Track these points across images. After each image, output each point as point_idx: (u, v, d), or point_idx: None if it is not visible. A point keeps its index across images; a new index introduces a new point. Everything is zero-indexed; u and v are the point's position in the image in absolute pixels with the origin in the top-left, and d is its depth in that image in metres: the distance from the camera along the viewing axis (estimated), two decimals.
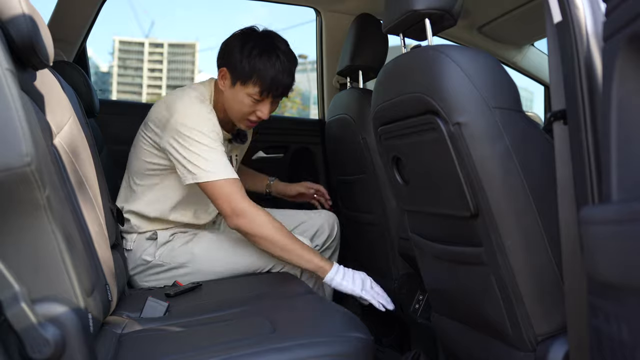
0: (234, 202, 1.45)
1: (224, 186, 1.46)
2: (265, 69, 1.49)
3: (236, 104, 1.55)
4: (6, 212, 0.71)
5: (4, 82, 0.70)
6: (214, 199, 1.48)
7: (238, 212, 1.45)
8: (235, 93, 1.54)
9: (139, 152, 1.61)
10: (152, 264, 1.58)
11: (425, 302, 1.59)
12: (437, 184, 1.11)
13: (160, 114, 1.54)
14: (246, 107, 1.54)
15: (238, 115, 1.57)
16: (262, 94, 1.51)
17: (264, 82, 1.50)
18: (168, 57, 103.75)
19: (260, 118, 1.57)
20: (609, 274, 0.61)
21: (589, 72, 0.75)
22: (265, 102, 1.54)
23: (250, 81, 1.50)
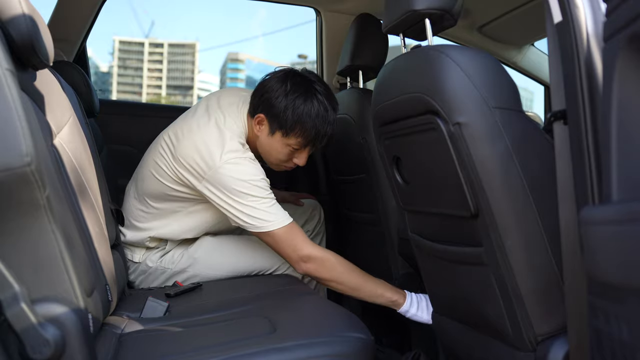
0: (299, 249, 1.41)
1: (285, 234, 1.41)
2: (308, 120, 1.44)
3: (273, 152, 1.50)
4: (6, 212, 0.70)
5: (4, 82, 0.70)
6: (277, 247, 1.44)
7: (305, 259, 1.41)
8: (273, 141, 1.48)
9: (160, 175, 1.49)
10: (154, 268, 1.58)
11: None
12: (437, 184, 1.11)
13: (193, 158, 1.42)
14: (284, 156, 1.50)
15: (274, 162, 1.53)
16: (305, 146, 1.49)
17: (308, 136, 1.46)
18: (168, 57, 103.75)
19: (297, 165, 1.54)
20: (609, 274, 0.61)
21: (589, 72, 0.75)
22: (304, 151, 1.52)
23: (293, 134, 1.46)
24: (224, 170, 1.39)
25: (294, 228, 1.43)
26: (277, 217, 1.41)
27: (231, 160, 1.40)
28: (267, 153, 1.52)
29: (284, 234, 1.41)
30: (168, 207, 1.54)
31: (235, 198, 1.40)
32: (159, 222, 1.56)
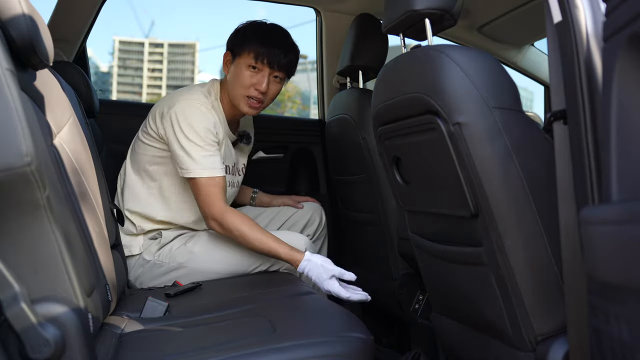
0: (210, 205, 1.52)
1: (204, 185, 1.52)
2: (260, 38, 1.57)
3: (236, 80, 1.59)
4: (6, 212, 0.70)
5: (4, 82, 0.70)
6: (196, 197, 1.56)
7: (210, 216, 1.52)
8: (234, 70, 1.60)
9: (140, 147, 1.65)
10: (152, 263, 1.59)
11: (425, 302, 1.59)
12: (437, 184, 1.11)
13: (161, 108, 1.59)
14: (246, 79, 1.58)
15: (239, 92, 1.60)
16: (257, 58, 1.56)
17: (258, 46, 1.56)
18: (168, 57, 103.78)
19: (260, 91, 1.58)
20: (609, 274, 0.61)
21: (589, 72, 0.75)
22: (263, 72, 1.58)
23: (245, 50, 1.57)
24: (176, 108, 1.54)
25: (216, 183, 1.53)
26: (203, 166, 1.52)
27: (185, 102, 1.55)
28: (232, 87, 1.61)
29: (202, 185, 1.52)
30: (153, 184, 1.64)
31: (177, 134, 1.52)
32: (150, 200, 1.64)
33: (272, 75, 1.60)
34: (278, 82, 1.63)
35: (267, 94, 1.61)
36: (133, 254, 1.60)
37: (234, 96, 1.62)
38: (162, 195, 1.63)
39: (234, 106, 1.64)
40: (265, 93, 1.60)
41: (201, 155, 1.52)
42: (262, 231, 1.52)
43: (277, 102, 12.97)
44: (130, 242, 1.61)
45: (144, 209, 1.63)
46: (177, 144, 1.53)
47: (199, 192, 1.53)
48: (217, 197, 1.53)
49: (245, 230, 1.51)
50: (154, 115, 1.60)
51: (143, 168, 1.64)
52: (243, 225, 1.51)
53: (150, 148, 1.61)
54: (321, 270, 1.45)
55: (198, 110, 1.54)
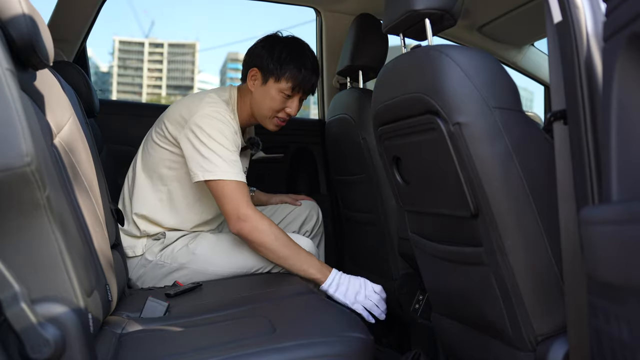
0: (240, 206, 1.47)
1: (233, 188, 1.48)
2: (297, 66, 1.58)
3: (267, 101, 1.60)
4: (6, 212, 0.70)
5: (4, 82, 0.70)
6: (220, 199, 1.50)
7: (242, 217, 1.47)
8: (266, 91, 1.60)
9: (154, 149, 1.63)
10: (154, 263, 1.59)
11: (425, 302, 1.59)
12: (437, 184, 1.11)
13: (179, 112, 1.57)
14: (277, 104, 1.60)
15: (268, 112, 1.61)
16: (294, 89, 1.59)
17: (297, 78, 1.58)
18: (168, 57, 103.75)
19: (289, 115, 1.63)
20: (609, 274, 0.61)
21: (589, 72, 0.75)
22: (295, 98, 1.62)
23: (284, 77, 1.58)
24: (201, 114, 1.52)
25: (243, 188, 1.51)
26: (231, 170, 1.49)
27: (210, 110, 1.54)
28: (261, 103, 1.61)
29: (230, 188, 1.48)
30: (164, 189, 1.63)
31: (202, 138, 1.50)
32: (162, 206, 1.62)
33: (302, 99, 1.65)
34: (303, 100, 1.68)
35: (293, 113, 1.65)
36: (136, 255, 1.60)
37: (259, 115, 1.63)
38: (171, 201, 1.62)
39: (254, 119, 1.66)
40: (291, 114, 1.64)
41: (230, 159, 1.50)
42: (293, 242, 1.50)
43: None
44: (134, 244, 1.61)
45: (151, 213, 1.62)
46: (202, 147, 1.49)
47: (225, 195, 1.48)
48: (248, 200, 1.50)
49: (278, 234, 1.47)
50: (171, 119, 1.59)
51: (155, 171, 1.62)
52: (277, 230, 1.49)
53: (165, 152, 1.60)
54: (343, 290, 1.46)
55: (224, 117, 1.54)
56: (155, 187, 1.63)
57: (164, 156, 1.60)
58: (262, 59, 1.60)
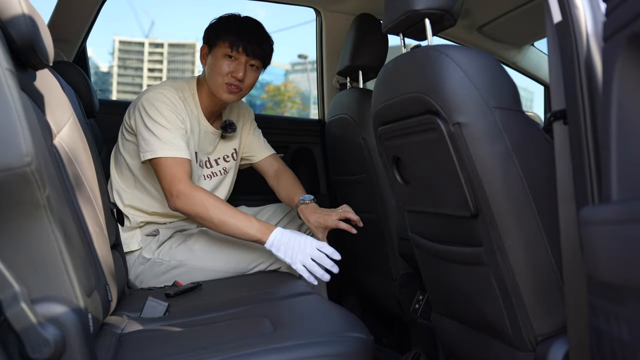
0: (172, 183, 1.50)
1: (169, 164, 1.51)
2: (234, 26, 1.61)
3: (214, 70, 1.62)
4: (6, 212, 0.70)
5: (4, 82, 0.70)
6: (159, 177, 1.53)
7: (174, 193, 1.49)
8: (212, 61, 1.63)
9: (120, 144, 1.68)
10: (152, 261, 1.59)
11: (425, 302, 1.59)
12: (437, 184, 1.11)
13: (134, 101, 1.63)
14: (222, 68, 1.60)
15: (217, 81, 1.62)
16: (233, 47, 1.59)
17: (233, 35, 1.59)
18: (168, 57, 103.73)
19: (237, 78, 1.61)
20: (609, 274, 0.61)
21: (589, 72, 0.75)
22: (239, 60, 1.61)
23: (221, 40, 1.61)
24: (144, 97, 1.57)
25: (180, 163, 1.52)
26: (166, 147, 1.52)
27: (152, 92, 1.58)
28: (210, 73, 1.63)
29: (166, 164, 1.51)
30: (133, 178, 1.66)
31: (144, 119, 1.54)
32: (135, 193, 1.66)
33: (248, 63, 1.63)
34: (254, 70, 1.66)
35: (245, 81, 1.64)
36: (132, 250, 1.61)
37: (213, 85, 1.64)
38: (143, 187, 1.65)
39: (214, 96, 1.67)
40: (242, 81, 1.62)
41: (167, 136, 1.53)
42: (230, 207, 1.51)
43: (277, 102, 13.09)
44: (128, 237, 1.61)
45: (132, 202, 1.64)
46: (143, 128, 1.54)
47: (162, 172, 1.51)
48: (184, 176, 1.51)
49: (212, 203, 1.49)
50: (129, 110, 1.64)
51: (122, 162, 1.66)
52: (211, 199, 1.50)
53: (127, 142, 1.64)
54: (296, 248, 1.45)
55: (165, 97, 1.57)
56: (125, 176, 1.66)
57: (128, 147, 1.64)
58: (206, 34, 1.67)
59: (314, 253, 1.46)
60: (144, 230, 1.65)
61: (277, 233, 1.48)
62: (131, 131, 1.61)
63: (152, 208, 1.65)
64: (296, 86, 57.54)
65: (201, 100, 1.69)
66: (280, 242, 1.47)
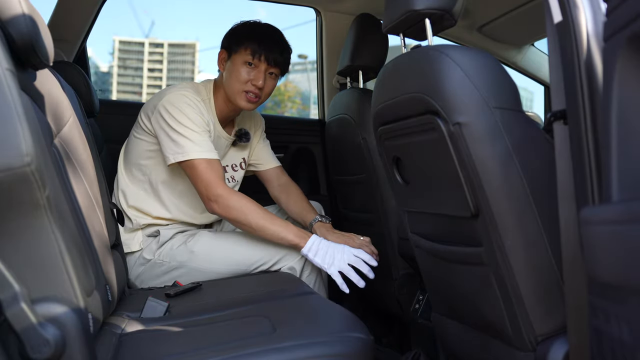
0: (210, 186, 1.50)
1: (204, 167, 1.51)
2: (256, 34, 1.62)
3: (233, 76, 1.61)
4: (6, 212, 0.70)
5: (4, 82, 0.70)
6: (193, 179, 1.53)
7: (212, 198, 1.50)
8: (232, 66, 1.62)
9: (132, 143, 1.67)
10: (152, 262, 1.59)
11: (425, 302, 1.59)
12: (437, 184, 1.11)
13: (153, 102, 1.60)
14: (242, 75, 1.60)
15: (236, 88, 1.61)
16: (255, 55, 1.60)
17: (255, 43, 1.60)
18: (168, 57, 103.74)
19: (257, 87, 1.61)
20: (609, 274, 0.61)
21: (589, 72, 0.75)
22: (260, 68, 1.61)
23: (242, 47, 1.61)
24: (166, 99, 1.55)
25: (214, 165, 1.52)
26: (199, 148, 1.52)
27: (175, 94, 1.56)
28: (229, 79, 1.63)
29: (201, 166, 1.50)
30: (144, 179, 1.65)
31: (169, 121, 1.52)
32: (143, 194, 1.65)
33: (268, 71, 1.63)
34: (273, 78, 1.66)
35: (264, 89, 1.63)
36: (132, 251, 1.60)
37: (230, 92, 1.63)
38: (154, 190, 1.64)
39: (230, 103, 1.65)
40: (261, 88, 1.62)
41: (197, 138, 1.52)
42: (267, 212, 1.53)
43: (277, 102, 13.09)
44: (129, 239, 1.61)
45: (137, 203, 1.64)
46: (170, 130, 1.52)
47: (198, 175, 1.51)
48: (220, 179, 1.52)
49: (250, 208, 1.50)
50: (146, 111, 1.62)
51: (134, 163, 1.65)
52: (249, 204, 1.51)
53: (142, 142, 1.63)
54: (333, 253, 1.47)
55: (188, 99, 1.56)
56: (136, 178, 1.65)
57: (142, 147, 1.63)
58: (226, 40, 1.67)
59: (351, 258, 1.48)
60: (145, 231, 1.64)
61: (315, 239, 1.51)
62: (148, 132, 1.60)
63: (158, 213, 1.64)
64: (296, 86, 57.52)
65: (217, 104, 1.68)
66: (318, 248, 1.49)
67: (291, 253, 1.58)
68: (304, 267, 1.58)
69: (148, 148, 1.62)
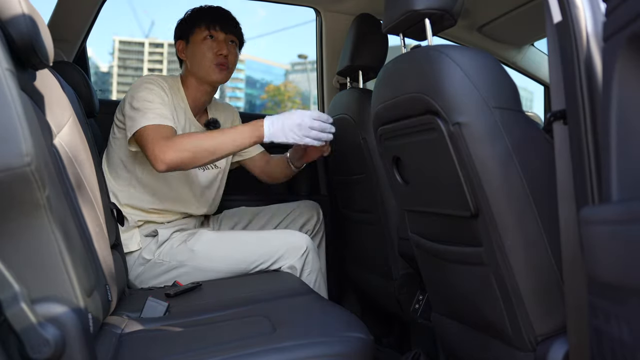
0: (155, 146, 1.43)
1: (150, 131, 1.46)
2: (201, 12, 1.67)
3: (198, 55, 1.65)
4: (6, 212, 0.70)
5: (4, 82, 0.70)
6: (143, 149, 1.48)
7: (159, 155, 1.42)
8: (193, 49, 1.66)
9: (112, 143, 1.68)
10: (152, 262, 1.59)
11: (425, 302, 1.59)
12: (437, 184, 1.11)
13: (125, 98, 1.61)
14: (207, 52, 1.63)
15: (205, 64, 1.64)
16: (210, 28, 1.64)
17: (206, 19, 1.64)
18: (168, 57, 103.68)
19: (222, 54, 1.64)
20: (609, 274, 0.61)
21: (589, 72, 0.75)
22: (219, 38, 1.65)
23: (196, 27, 1.65)
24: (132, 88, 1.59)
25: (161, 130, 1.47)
26: (150, 116, 1.49)
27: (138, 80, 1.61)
28: (197, 64, 1.65)
29: (148, 133, 1.46)
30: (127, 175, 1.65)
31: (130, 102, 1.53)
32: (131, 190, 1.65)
33: (228, 40, 1.67)
34: (234, 47, 1.70)
35: (229, 58, 1.66)
36: (131, 250, 1.60)
37: (200, 70, 1.65)
38: (142, 184, 1.64)
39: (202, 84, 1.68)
40: (227, 56, 1.65)
41: (150, 107, 1.51)
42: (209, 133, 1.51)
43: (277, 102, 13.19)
44: (127, 238, 1.61)
45: (129, 201, 1.64)
46: (129, 109, 1.52)
47: (145, 141, 1.45)
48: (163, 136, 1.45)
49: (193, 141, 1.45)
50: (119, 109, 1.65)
51: (117, 163, 1.66)
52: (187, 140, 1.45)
53: (120, 140, 1.64)
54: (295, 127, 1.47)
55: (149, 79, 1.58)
56: (122, 177, 1.65)
57: (120, 145, 1.64)
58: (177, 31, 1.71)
59: (314, 124, 1.49)
60: (142, 231, 1.64)
61: (268, 122, 1.48)
62: (121, 125, 1.62)
63: (149, 204, 1.65)
64: (296, 86, 57.49)
65: (188, 94, 1.70)
66: (276, 128, 1.47)
67: (291, 252, 1.58)
68: (304, 266, 1.58)
69: (123, 142, 1.62)
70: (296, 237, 1.61)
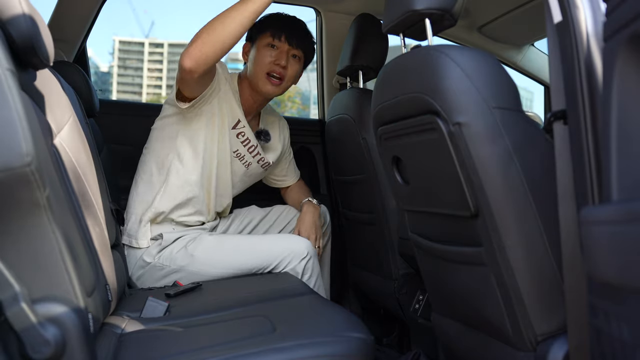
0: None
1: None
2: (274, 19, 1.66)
3: (256, 61, 1.65)
4: (6, 212, 0.70)
5: (4, 82, 0.70)
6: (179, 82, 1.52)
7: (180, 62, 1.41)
8: (254, 52, 1.66)
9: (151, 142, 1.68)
10: (152, 265, 1.58)
11: (425, 302, 1.59)
12: (437, 184, 1.11)
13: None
14: (265, 57, 1.63)
15: (259, 71, 1.64)
16: (275, 36, 1.63)
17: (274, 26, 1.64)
18: (168, 57, 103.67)
19: (280, 65, 1.63)
20: (609, 274, 0.61)
21: (589, 72, 0.75)
22: (281, 49, 1.64)
23: (263, 33, 1.65)
24: None
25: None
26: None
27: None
28: (253, 65, 1.66)
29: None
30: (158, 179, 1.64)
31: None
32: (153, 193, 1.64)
33: (290, 53, 1.64)
34: (297, 62, 1.68)
35: (287, 71, 1.64)
36: (140, 247, 1.60)
37: (254, 77, 1.65)
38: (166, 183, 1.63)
39: (254, 92, 1.67)
40: (285, 68, 1.63)
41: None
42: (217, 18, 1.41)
43: (277, 102, 13.15)
44: (142, 233, 1.61)
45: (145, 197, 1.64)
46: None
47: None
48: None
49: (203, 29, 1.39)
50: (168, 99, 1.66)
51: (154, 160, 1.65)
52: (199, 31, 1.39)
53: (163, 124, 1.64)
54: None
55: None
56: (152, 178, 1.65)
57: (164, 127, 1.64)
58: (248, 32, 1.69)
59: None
60: (152, 229, 1.63)
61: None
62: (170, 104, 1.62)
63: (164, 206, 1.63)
64: (296, 86, 57.49)
65: (242, 95, 1.70)
66: None
67: (292, 257, 1.58)
68: (304, 270, 1.58)
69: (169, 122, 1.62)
70: (298, 242, 1.60)
